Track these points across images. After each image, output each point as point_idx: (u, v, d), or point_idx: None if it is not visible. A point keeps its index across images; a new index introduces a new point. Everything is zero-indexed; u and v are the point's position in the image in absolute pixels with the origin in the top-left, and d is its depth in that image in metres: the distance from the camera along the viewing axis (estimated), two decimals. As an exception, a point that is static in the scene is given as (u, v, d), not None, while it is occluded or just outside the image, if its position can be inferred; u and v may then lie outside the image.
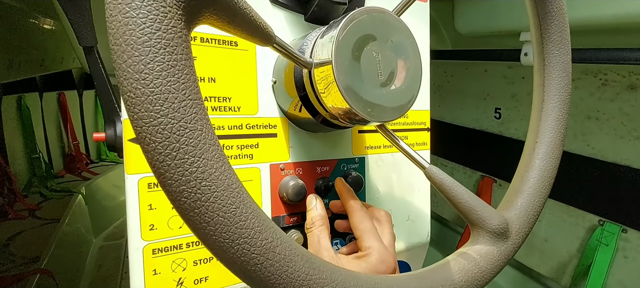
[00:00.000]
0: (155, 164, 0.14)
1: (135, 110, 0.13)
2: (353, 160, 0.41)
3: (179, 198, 0.14)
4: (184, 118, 0.14)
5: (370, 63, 0.27)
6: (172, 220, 0.31)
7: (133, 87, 0.13)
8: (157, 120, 0.13)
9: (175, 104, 0.14)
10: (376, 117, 0.28)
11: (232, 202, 0.15)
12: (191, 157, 0.14)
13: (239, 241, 0.15)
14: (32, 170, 1.95)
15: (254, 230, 0.15)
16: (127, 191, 0.29)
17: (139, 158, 0.30)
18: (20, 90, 1.84)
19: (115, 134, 0.36)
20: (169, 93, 0.13)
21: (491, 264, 0.25)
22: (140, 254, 0.30)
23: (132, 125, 0.14)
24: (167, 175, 0.14)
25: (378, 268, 0.30)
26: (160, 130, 0.13)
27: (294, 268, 0.16)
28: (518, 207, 0.28)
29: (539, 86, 0.32)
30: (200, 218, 0.14)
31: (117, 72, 0.13)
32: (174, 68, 0.13)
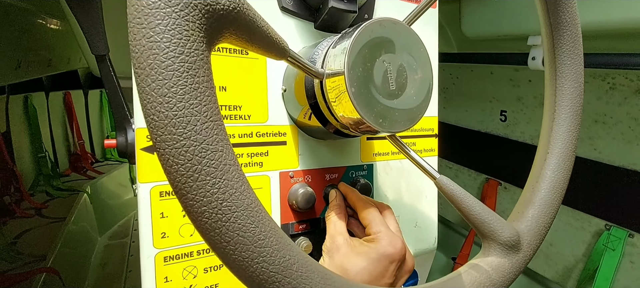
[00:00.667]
0: (178, 185, 0.14)
1: (158, 133, 0.13)
2: (361, 167, 0.41)
3: (200, 219, 0.14)
4: (206, 140, 0.14)
5: (382, 73, 0.27)
6: (183, 228, 0.31)
7: (156, 111, 0.13)
8: (180, 143, 0.13)
9: (198, 126, 0.14)
10: (387, 127, 0.28)
11: (251, 221, 0.15)
12: (213, 179, 0.14)
13: (257, 260, 0.15)
14: (38, 169, 1.97)
15: (272, 248, 0.15)
16: (140, 199, 0.30)
17: (152, 167, 0.30)
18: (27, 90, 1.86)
19: (126, 141, 0.36)
20: (191, 116, 0.14)
21: (503, 277, 0.25)
22: (152, 262, 0.30)
23: (155, 148, 0.14)
24: (189, 196, 0.14)
25: (388, 250, 0.31)
26: (183, 153, 0.13)
27: (311, 285, 0.16)
28: (529, 218, 0.28)
29: (550, 95, 0.32)
30: (221, 238, 0.14)
31: (140, 94, 0.13)
32: (196, 91, 0.14)
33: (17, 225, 1.61)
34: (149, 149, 0.30)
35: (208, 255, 0.33)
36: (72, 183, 2.05)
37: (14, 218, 1.66)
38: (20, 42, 1.34)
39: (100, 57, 0.33)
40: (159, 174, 0.30)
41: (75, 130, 2.22)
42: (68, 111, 2.19)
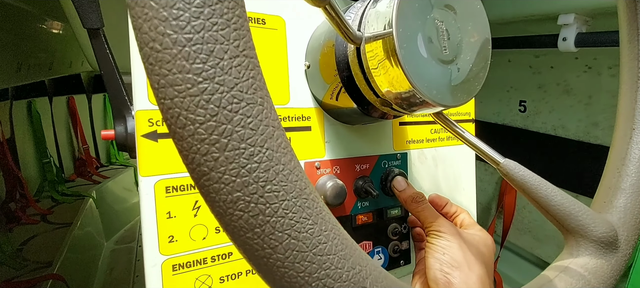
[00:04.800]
0: (195, 158, 0.09)
1: (162, 70, 0.08)
2: (394, 157, 0.36)
3: (232, 212, 0.09)
4: (238, 84, 0.09)
5: (433, 35, 0.22)
6: (195, 229, 0.26)
7: (158, 33, 0.08)
8: (197, 86, 0.08)
9: (226, 61, 0.09)
10: (442, 100, 0.22)
11: (308, 215, 0.10)
12: (250, 147, 0.09)
13: (318, 274, 0.10)
14: (43, 175, 1.94)
15: (337, 256, 0.10)
16: (142, 196, 0.25)
17: (156, 157, 0.25)
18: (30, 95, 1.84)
19: (125, 131, 0.31)
20: (215, 42, 0.08)
21: (604, 282, 0.20)
22: (158, 271, 0.25)
23: (157, 97, 0.09)
24: (213, 176, 0.09)
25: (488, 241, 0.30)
26: (202, 104, 0.08)
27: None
28: (621, 208, 0.23)
29: (630, 61, 0.27)
30: (264, 240, 0.09)
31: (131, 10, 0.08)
32: (221, 3, 0.08)
33: (23, 231, 1.59)
34: (151, 135, 0.25)
35: (225, 261, 0.27)
36: (78, 189, 2.03)
37: (20, 224, 1.64)
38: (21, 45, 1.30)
39: (94, 31, 0.28)
40: (164, 165, 0.25)
41: (79, 135, 2.19)
42: (72, 116, 2.17)
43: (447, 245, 0.26)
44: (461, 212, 0.32)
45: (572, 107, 1.03)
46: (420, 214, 0.30)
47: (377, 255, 0.35)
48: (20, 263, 1.39)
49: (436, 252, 0.27)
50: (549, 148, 1.12)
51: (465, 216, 0.32)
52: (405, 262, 0.37)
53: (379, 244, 0.35)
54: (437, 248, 0.27)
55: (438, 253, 0.26)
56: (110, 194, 2.14)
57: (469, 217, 0.32)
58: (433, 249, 0.27)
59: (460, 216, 0.32)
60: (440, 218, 0.29)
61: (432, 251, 0.27)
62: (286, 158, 0.10)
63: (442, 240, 0.27)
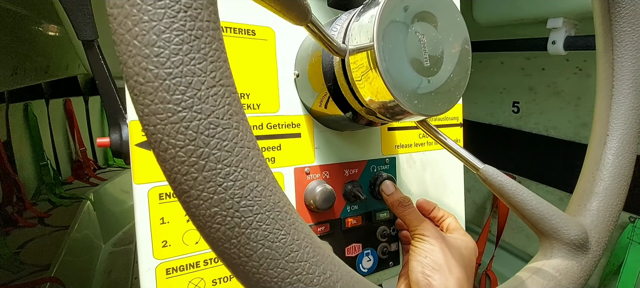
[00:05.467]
0: (176, 178, 0.10)
1: (145, 101, 0.09)
2: (383, 161, 0.37)
3: (210, 225, 0.10)
4: (214, 111, 0.10)
5: (414, 47, 0.23)
6: (188, 234, 0.27)
7: (141, 68, 0.09)
8: (177, 115, 0.09)
9: (203, 91, 0.10)
10: (423, 110, 0.24)
11: (280, 226, 0.11)
12: (226, 167, 0.10)
13: (291, 279, 0.11)
14: (40, 178, 1.94)
15: (309, 262, 0.11)
16: (136, 203, 0.26)
17: (149, 166, 0.26)
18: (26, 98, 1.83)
19: (120, 139, 0.32)
20: (193, 75, 0.09)
21: (574, 282, 0.21)
22: (152, 275, 0.26)
23: (142, 124, 0.10)
24: (193, 193, 0.10)
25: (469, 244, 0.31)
26: (182, 130, 0.09)
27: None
28: (594, 211, 0.24)
29: (606, 69, 0.28)
30: (240, 250, 0.10)
31: (118, 47, 0.09)
32: (198, 39, 0.09)
33: (21, 234, 1.59)
34: (144, 145, 0.26)
35: (217, 264, 0.28)
36: (75, 191, 2.03)
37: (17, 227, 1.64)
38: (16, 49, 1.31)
39: (88, 43, 0.29)
40: (157, 173, 0.26)
41: (76, 137, 2.19)
42: (69, 118, 2.17)
43: (429, 249, 0.27)
44: (448, 216, 0.33)
45: (562, 108, 1.05)
46: (406, 217, 0.31)
47: (367, 257, 0.36)
48: (18, 267, 1.39)
49: (419, 254, 0.28)
50: (541, 149, 1.13)
51: (451, 220, 0.33)
52: (394, 263, 0.38)
53: (368, 246, 0.36)
54: (420, 251, 0.28)
55: (420, 256, 0.27)
56: (107, 197, 2.14)
57: (455, 221, 0.33)
58: (416, 252, 0.28)
59: (446, 220, 0.33)
60: (425, 221, 0.30)
61: (415, 254, 0.28)
62: (260, 175, 0.11)
63: (425, 244, 0.28)
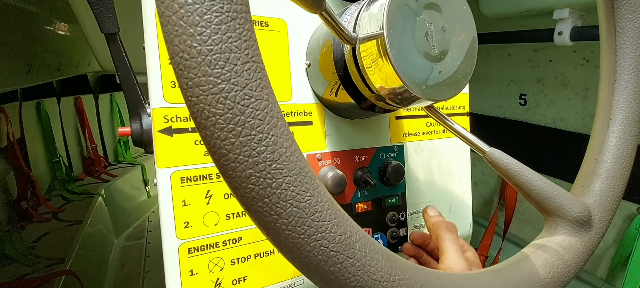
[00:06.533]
0: (215, 143, 0.11)
1: (189, 74, 0.11)
2: (392, 149, 0.38)
3: (245, 185, 0.11)
4: (248, 84, 0.11)
5: (422, 35, 0.24)
6: (208, 216, 0.29)
7: (186, 46, 0.10)
8: (217, 86, 0.11)
9: (239, 66, 0.11)
10: (431, 95, 0.25)
11: (306, 188, 0.12)
12: (259, 133, 0.11)
13: (316, 236, 0.12)
14: (53, 174, 1.99)
15: (331, 222, 0.12)
16: (159, 187, 0.27)
17: (171, 151, 0.27)
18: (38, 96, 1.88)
19: (141, 128, 0.34)
20: (230, 52, 0.11)
21: (577, 257, 0.22)
22: (175, 254, 0.28)
23: (185, 95, 0.11)
24: (231, 157, 0.11)
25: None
26: (221, 100, 0.11)
27: (377, 267, 0.13)
28: (597, 192, 0.25)
29: (609, 55, 0.28)
30: (271, 208, 0.12)
31: (164, 28, 0.11)
32: (234, 20, 0.11)
33: (35, 229, 1.63)
34: (166, 131, 0.27)
35: (235, 245, 0.30)
36: (87, 187, 2.07)
37: (32, 222, 1.68)
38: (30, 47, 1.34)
39: (111, 35, 0.31)
40: (179, 158, 0.28)
41: (87, 134, 2.23)
42: (80, 116, 2.21)
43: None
44: (467, 249, 0.33)
45: (570, 99, 1.05)
46: (444, 242, 0.30)
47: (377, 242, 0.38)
48: (33, 260, 1.43)
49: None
50: (549, 140, 1.13)
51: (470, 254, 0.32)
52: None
53: (377, 231, 0.38)
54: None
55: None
56: (118, 192, 2.18)
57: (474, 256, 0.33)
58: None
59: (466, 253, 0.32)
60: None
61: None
62: (288, 143, 0.12)
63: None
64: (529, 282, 0.19)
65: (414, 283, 0.14)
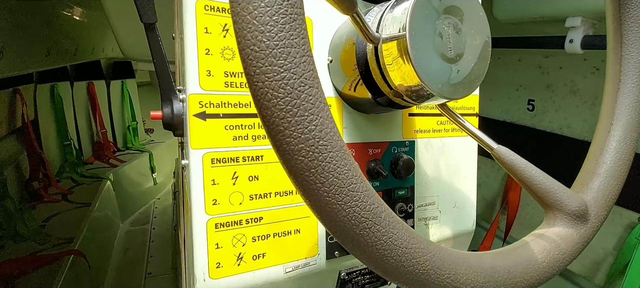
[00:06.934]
0: (275, 121, 0.14)
1: (258, 64, 0.13)
2: (403, 144, 0.41)
3: (296, 157, 0.14)
4: (304, 74, 0.13)
5: (441, 38, 0.26)
6: (233, 196, 0.31)
7: (258, 40, 0.13)
8: (280, 74, 0.13)
9: (297, 58, 0.13)
10: (446, 93, 0.27)
11: (344, 163, 0.14)
12: (310, 115, 0.14)
13: (350, 204, 0.14)
14: (64, 157, 2.03)
15: (363, 193, 0.15)
16: (192, 166, 0.30)
17: (204, 134, 0.30)
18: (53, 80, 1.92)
19: (172, 113, 0.36)
20: (291, 47, 0.13)
21: (572, 246, 0.24)
22: (204, 228, 0.30)
23: (252, 80, 0.14)
24: (287, 133, 0.14)
25: None
26: (283, 86, 0.13)
27: (397, 235, 0.16)
28: (595, 189, 0.27)
29: (614, 64, 0.30)
30: (316, 178, 0.14)
31: (239, 25, 0.13)
32: (295, 21, 0.13)
33: (46, 209, 1.67)
34: (200, 115, 0.30)
35: (256, 224, 0.33)
36: (96, 171, 2.11)
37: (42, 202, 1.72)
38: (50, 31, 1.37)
39: (150, 25, 0.33)
40: (210, 141, 0.30)
41: (98, 119, 2.27)
42: (91, 101, 2.25)
43: None
44: None
45: (578, 107, 1.06)
46: None
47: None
48: (44, 239, 1.47)
49: None
50: (554, 147, 1.14)
51: None
52: (409, 238, 0.42)
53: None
54: None
55: None
56: (126, 178, 2.22)
57: None
58: None
59: None
60: None
61: None
62: (331, 124, 0.14)
63: None
64: (526, 263, 0.21)
65: (427, 252, 0.17)
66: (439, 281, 0.17)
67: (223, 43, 0.30)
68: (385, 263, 0.15)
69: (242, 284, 0.32)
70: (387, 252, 0.15)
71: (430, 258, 0.17)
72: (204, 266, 0.31)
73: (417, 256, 0.16)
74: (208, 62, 0.29)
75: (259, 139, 0.32)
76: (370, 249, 0.15)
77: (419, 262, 0.16)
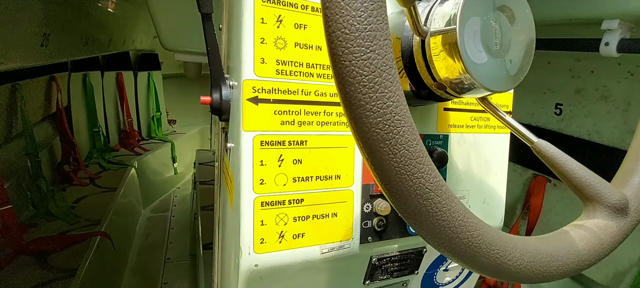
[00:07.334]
0: (357, 96, 0.15)
1: (348, 45, 0.15)
2: (438, 137, 0.42)
3: (373, 130, 0.16)
4: (386, 55, 0.15)
5: (488, 32, 0.28)
6: (278, 177, 0.33)
7: (349, 24, 0.15)
8: (366, 55, 0.15)
9: (381, 41, 0.15)
10: (490, 85, 0.28)
11: (414, 138, 0.16)
12: (389, 92, 0.15)
13: (417, 175, 0.16)
14: (92, 143, 2.12)
15: (428, 166, 0.16)
16: (242, 147, 0.32)
17: (255, 117, 0.32)
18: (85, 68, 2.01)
19: (220, 98, 0.38)
20: (377, 30, 0.15)
21: (611, 238, 0.25)
22: (251, 205, 0.32)
23: (339, 60, 0.15)
24: (367, 107, 0.15)
25: None
26: (368, 65, 0.15)
27: (455, 209, 0.17)
28: (635, 185, 0.27)
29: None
30: (389, 149, 0.16)
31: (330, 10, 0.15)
32: (381, 8, 0.15)
33: (75, 191, 1.76)
34: (253, 100, 0.32)
35: (297, 205, 0.35)
36: (121, 158, 2.19)
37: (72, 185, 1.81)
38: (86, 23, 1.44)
39: (207, 16, 0.36)
40: (261, 124, 0.32)
41: (125, 109, 2.36)
42: (119, 91, 2.33)
43: None
44: None
45: (609, 113, 1.03)
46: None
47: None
48: (73, 219, 1.54)
49: None
50: (582, 153, 1.12)
51: None
52: (439, 229, 0.43)
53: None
54: None
55: None
56: (148, 166, 2.30)
57: None
58: None
59: None
60: None
61: None
62: (404, 102, 0.16)
63: None
64: (568, 249, 0.22)
65: (480, 228, 0.18)
66: (489, 256, 0.18)
67: (276, 33, 0.32)
68: (442, 233, 0.17)
69: (281, 261, 0.35)
70: (445, 223, 0.17)
71: (483, 234, 0.18)
72: (249, 241, 0.33)
73: (471, 229, 0.17)
74: (262, 51, 0.32)
75: (304, 125, 0.34)
76: (430, 219, 0.17)
77: (473, 235, 0.17)
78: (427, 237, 0.18)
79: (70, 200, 1.69)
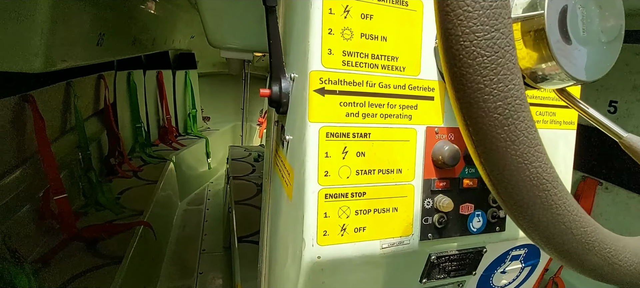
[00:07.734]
0: (476, 79, 0.15)
1: (469, 23, 0.14)
2: (501, 132, 0.40)
3: (492, 114, 0.15)
4: (507, 36, 0.14)
5: (574, 17, 0.26)
6: (342, 169, 0.33)
7: (473, 1, 0.14)
8: (490, 34, 0.14)
9: (506, 20, 0.14)
10: (576, 74, 0.26)
11: (531, 124, 0.15)
12: (511, 74, 0.15)
13: (535, 165, 0.15)
14: (135, 138, 2.25)
15: (544, 155, 0.15)
16: (308, 138, 0.32)
17: (321, 108, 0.32)
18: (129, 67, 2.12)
19: (279, 91, 0.39)
20: (502, 8, 0.14)
21: None
22: (315, 197, 0.33)
23: (459, 40, 0.15)
24: (487, 90, 0.15)
25: None
26: (491, 45, 0.14)
27: (569, 202, 0.16)
28: None
29: None
30: (508, 135, 0.15)
31: None
32: None
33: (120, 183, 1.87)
34: (320, 91, 0.32)
35: (360, 198, 0.34)
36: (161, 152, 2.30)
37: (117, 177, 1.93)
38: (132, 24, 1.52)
39: (271, 8, 0.37)
40: (326, 115, 0.32)
41: (164, 106, 2.47)
42: (159, 88, 2.45)
43: None
44: None
45: (675, 110, 0.94)
46: None
47: (477, 218, 0.40)
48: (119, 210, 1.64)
49: None
50: None
51: None
52: (500, 229, 0.41)
53: (479, 208, 0.39)
54: None
55: None
56: (185, 161, 2.40)
57: None
58: None
59: None
60: None
61: None
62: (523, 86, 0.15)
63: None
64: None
65: (592, 224, 0.17)
66: (601, 254, 0.17)
67: (344, 23, 0.32)
68: (555, 227, 0.16)
69: (342, 254, 0.34)
70: (559, 217, 0.16)
71: (595, 231, 0.17)
72: (313, 233, 0.33)
73: (585, 226, 0.16)
74: (330, 41, 0.31)
75: (368, 117, 0.34)
76: (545, 211, 0.16)
77: (586, 231, 0.16)
78: (535, 231, 0.17)
79: (116, 191, 1.80)
